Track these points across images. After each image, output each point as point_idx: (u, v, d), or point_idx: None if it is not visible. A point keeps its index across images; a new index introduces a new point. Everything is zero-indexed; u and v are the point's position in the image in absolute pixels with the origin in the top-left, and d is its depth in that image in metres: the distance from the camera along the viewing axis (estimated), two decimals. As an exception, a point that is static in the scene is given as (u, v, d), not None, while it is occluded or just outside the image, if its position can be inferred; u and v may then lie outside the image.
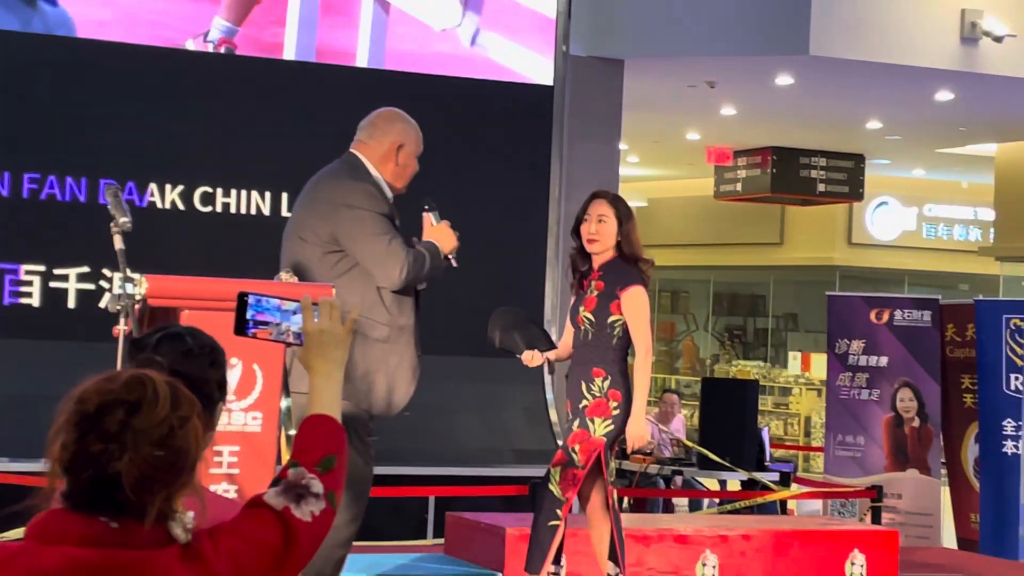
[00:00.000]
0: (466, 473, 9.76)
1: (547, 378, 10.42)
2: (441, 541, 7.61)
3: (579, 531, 6.53)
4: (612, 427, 6.32)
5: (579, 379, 6.39)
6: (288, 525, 2.51)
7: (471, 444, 10.14)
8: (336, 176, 5.50)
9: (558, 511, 6.31)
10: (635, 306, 6.33)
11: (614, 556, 6.40)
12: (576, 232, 6.50)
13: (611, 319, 6.34)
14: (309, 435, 2.65)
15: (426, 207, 5.68)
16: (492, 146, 10.49)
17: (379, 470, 9.50)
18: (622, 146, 12.82)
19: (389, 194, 5.58)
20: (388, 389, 5.21)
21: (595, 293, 6.40)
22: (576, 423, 6.35)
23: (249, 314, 2.79)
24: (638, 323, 6.34)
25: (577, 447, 6.32)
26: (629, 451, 6.51)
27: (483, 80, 10.50)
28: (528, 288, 10.44)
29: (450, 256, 5.65)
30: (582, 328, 6.40)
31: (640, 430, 6.29)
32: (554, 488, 6.31)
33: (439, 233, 5.63)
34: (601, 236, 6.39)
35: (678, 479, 10.74)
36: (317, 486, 2.56)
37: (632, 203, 21.31)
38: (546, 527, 6.32)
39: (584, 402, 6.34)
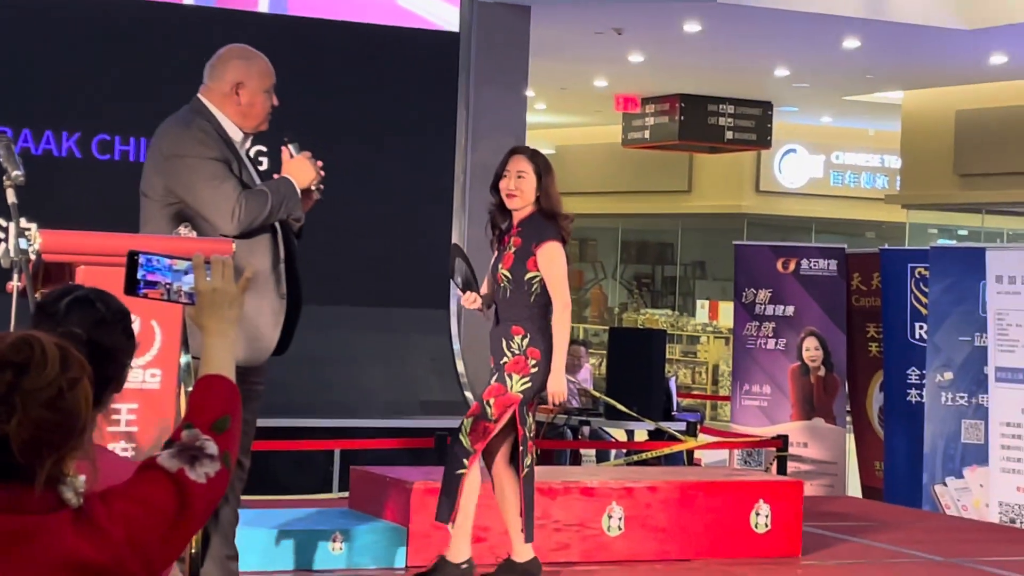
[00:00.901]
0: (372, 425, 9.76)
1: (454, 328, 10.42)
2: (347, 495, 7.60)
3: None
4: (529, 384, 6.36)
5: (500, 336, 6.42)
6: (182, 487, 2.49)
7: (377, 395, 10.14)
8: (169, 125, 5.38)
9: (464, 460, 6.35)
10: (551, 262, 6.36)
11: (528, 518, 6.46)
12: (495, 188, 6.49)
13: (528, 275, 6.37)
14: (203, 396, 2.62)
15: (284, 140, 5.51)
16: (397, 94, 10.43)
17: (283, 423, 9.53)
18: (529, 93, 12.80)
19: (238, 136, 5.41)
20: (249, 337, 5.04)
21: (512, 250, 6.41)
22: (495, 378, 6.40)
23: (140, 274, 2.75)
24: (555, 279, 6.37)
25: (492, 401, 6.36)
26: (551, 406, 6.52)
27: (388, 26, 10.43)
28: (434, 238, 10.41)
29: (313, 188, 5.47)
30: (501, 285, 6.43)
31: (560, 386, 6.34)
32: (463, 439, 6.35)
33: (294, 166, 5.44)
34: (520, 192, 6.40)
35: (585, 429, 10.79)
36: (212, 447, 2.54)
37: (540, 150, 21.20)
38: (453, 475, 6.36)
39: (504, 359, 6.38)
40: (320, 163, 5.50)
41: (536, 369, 6.34)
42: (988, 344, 9.42)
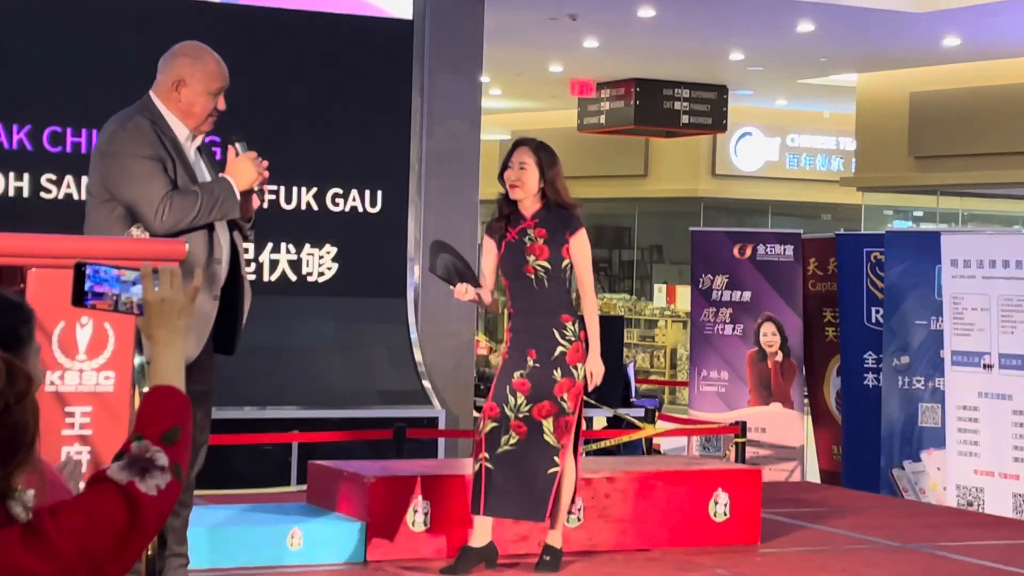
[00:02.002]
0: (330, 415, 9.74)
1: (411, 317, 10.40)
2: (304, 488, 7.58)
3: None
4: (585, 368, 6.55)
5: (549, 327, 6.51)
6: (133, 500, 2.47)
7: (334, 386, 10.11)
8: (109, 123, 5.34)
9: (555, 458, 6.46)
10: (584, 249, 6.59)
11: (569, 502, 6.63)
12: (502, 179, 6.63)
13: (564, 263, 6.53)
14: (152, 407, 2.60)
15: (232, 139, 5.44)
16: (351, 82, 10.38)
17: (239, 414, 9.51)
18: (484, 79, 12.78)
19: (183, 133, 5.36)
20: None
21: (541, 241, 6.53)
22: (558, 372, 6.47)
23: (87, 285, 2.72)
24: (587, 265, 6.62)
25: (566, 395, 6.49)
26: (591, 388, 6.63)
27: (341, 14, 10.39)
28: (389, 226, 10.39)
29: (256, 190, 5.39)
30: (533, 276, 6.52)
31: (601, 367, 6.55)
32: (549, 438, 6.46)
33: (236, 166, 5.36)
34: (521, 182, 6.54)
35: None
36: (162, 459, 2.52)
37: (495, 136, 21.17)
38: (546, 476, 6.45)
39: (560, 349, 6.50)
40: (265, 164, 5.43)
41: (587, 352, 6.56)
42: (944, 328, 9.47)
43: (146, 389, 3.80)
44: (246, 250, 5.60)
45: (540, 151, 6.60)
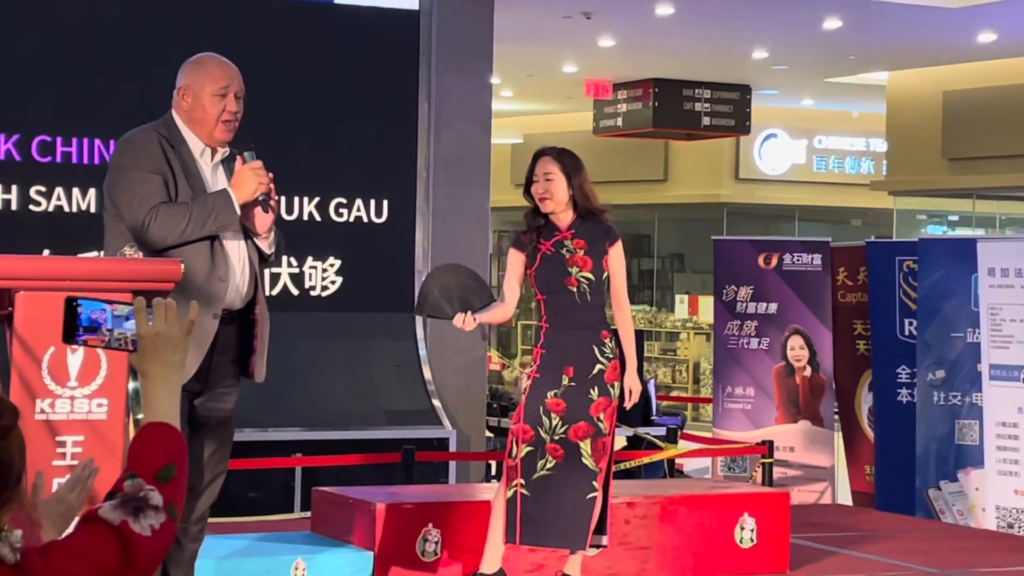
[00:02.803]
0: (335, 437, 9.72)
1: (419, 332, 10.39)
2: (309, 515, 7.57)
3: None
4: (620, 386, 6.57)
5: (589, 343, 6.52)
6: (126, 540, 2.47)
7: (339, 405, 10.11)
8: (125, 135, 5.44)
9: (594, 483, 6.45)
10: (622, 259, 6.66)
11: (602, 525, 6.58)
12: (528, 193, 6.65)
13: (604, 275, 6.57)
14: (145, 444, 2.60)
15: (240, 149, 5.45)
16: (354, 85, 10.37)
17: (239, 436, 9.45)
18: (494, 80, 12.78)
19: (198, 147, 5.41)
20: None
21: (582, 252, 6.55)
22: (595, 391, 6.47)
23: (79, 321, 2.74)
24: (623, 276, 6.66)
25: (602, 415, 6.50)
26: (629, 406, 6.63)
27: (341, 4, 10.37)
28: (397, 237, 10.39)
29: (260, 199, 5.38)
30: (575, 290, 6.52)
31: (639, 384, 6.57)
32: (587, 461, 6.45)
33: (237, 177, 5.37)
34: (551, 194, 6.55)
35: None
36: (156, 498, 2.52)
37: (507, 140, 21.20)
38: (584, 501, 6.44)
39: (599, 367, 6.51)
40: (270, 176, 5.43)
41: (623, 370, 6.60)
42: (981, 340, 9.43)
43: (139, 417, 3.80)
44: (265, 260, 5.57)
45: (563, 158, 6.61)
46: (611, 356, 6.52)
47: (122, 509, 2.49)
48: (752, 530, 7.41)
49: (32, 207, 9.44)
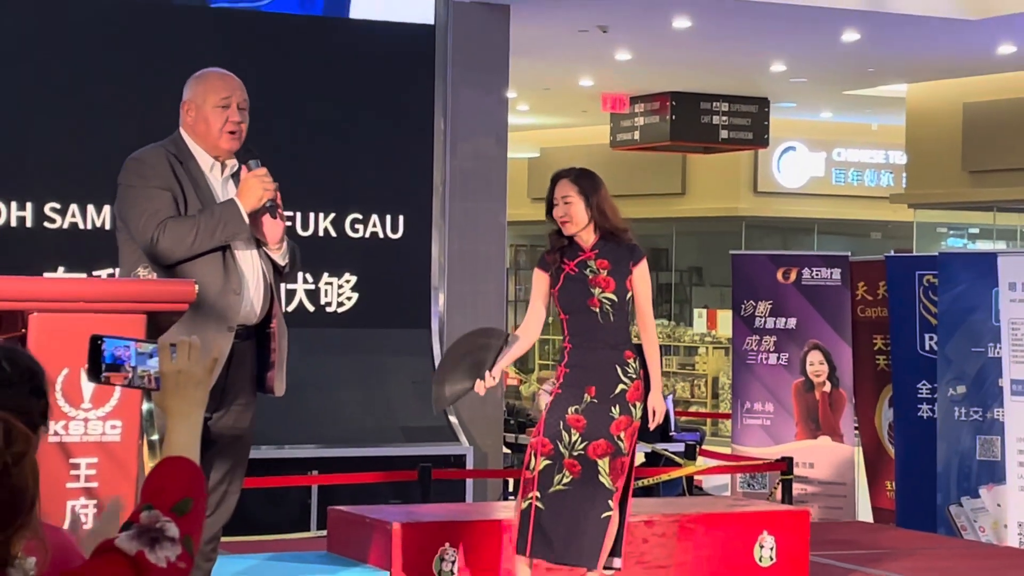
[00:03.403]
0: (351, 454, 9.72)
1: (436, 348, 10.39)
2: (324, 533, 7.57)
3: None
4: (644, 406, 6.61)
5: (612, 363, 6.53)
6: (141, 571, 2.47)
7: (355, 422, 10.10)
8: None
9: (609, 501, 6.46)
10: (647, 280, 6.65)
11: (617, 547, 6.56)
12: (550, 216, 6.68)
13: (628, 295, 6.58)
14: (164, 477, 2.61)
15: (245, 157, 5.47)
16: (369, 99, 10.38)
17: (255, 453, 9.45)
18: (510, 94, 12.78)
19: (207, 162, 5.43)
20: None
21: (605, 273, 6.57)
22: (616, 410, 6.48)
23: (103, 358, 2.80)
24: (648, 296, 6.65)
25: (622, 434, 6.51)
26: (653, 427, 6.64)
27: (357, 20, 10.38)
28: (412, 252, 10.39)
29: (267, 206, 5.38)
30: (598, 310, 6.54)
31: (663, 403, 6.63)
32: (604, 479, 6.46)
33: (242, 185, 5.38)
34: (570, 216, 6.58)
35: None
36: (172, 530, 2.52)
37: (524, 154, 21.15)
38: (599, 520, 6.44)
39: (621, 387, 6.52)
40: (275, 185, 5.42)
41: (647, 390, 6.63)
42: (1002, 355, 9.41)
43: (153, 439, 3.79)
44: (280, 272, 5.57)
45: (580, 180, 6.64)
46: (634, 376, 6.53)
47: (138, 540, 2.50)
48: (772, 548, 7.39)
49: (47, 224, 9.46)
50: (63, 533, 2.81)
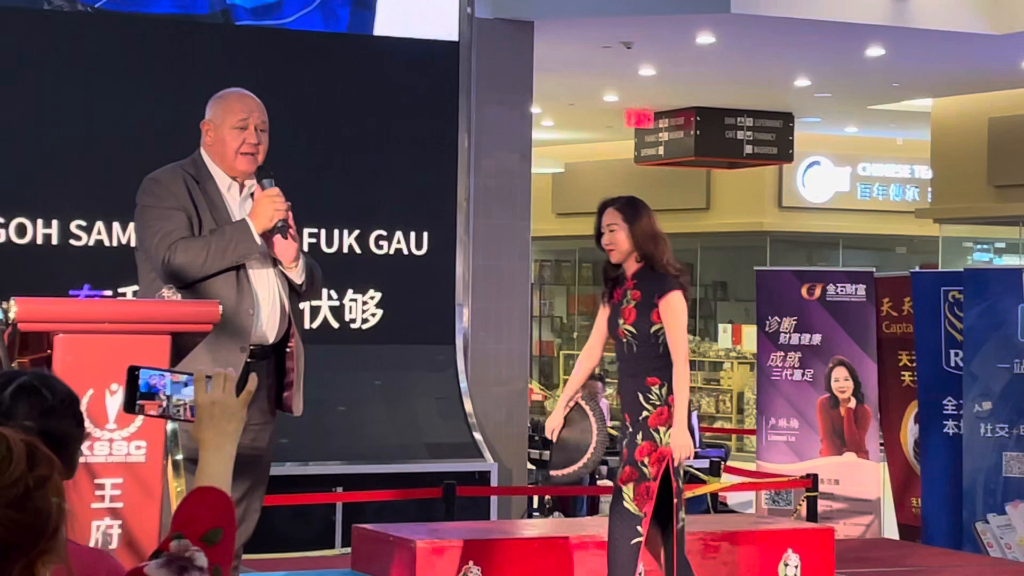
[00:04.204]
0: (375, 471, 9.72)
1: (460, 365, 10.40)
2: (349, 551, 7.58)
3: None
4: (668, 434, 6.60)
5: (635, 390, 6.61)
6: (171, 599, 2.48)
7: (380, 439, 10.10)
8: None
9: (638, 527, 6.50)
10: (672, 312, 6.58)
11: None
12: (599, 245, 6.78)
13: (653, 328, 6.58)
14: (194, 506, 2.63)
15: (259, 176, 5.48)
16: (393, 116, 10.39)
17: (280, 470, 9.50)
18: (535, 110, 12.79)
19: (224, 182, 5.45)
20: None
21: (632, 304, 6.63)
22: (640, 436, 6.54)
23: (140, 389, 2.82)
24: (674, 329, 6.59)
25: (646, 459, 6.53)
26: (676, 464, 6.59)
27: (381, 37, 10.40)
28: (437, 268, 10.40)
29: (279, 225, 5.38)
30: (624, 341, 6.63)
31: (686, 439, 6.52)
32: (630, 506, 6.50)
33: (255, 205, 5.40)
34: (614, 244, 6.66)
35: (603, 469, 10.76)
36: (201, 559, 2.54)
37: (548, 169, 21.08)
38: (628, 546, 6.48)
39: (644, 413, 6.57)
40: (287, 204, 5.42)
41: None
42: (1028, 372, 9.39)
43: (177, 459, 3.81)
44: (298, 292, 5.58)
45: (625, 209, 6.70)
46: (657, 403, 6.56)
47: (168, 568, 2.51)
48: (796, 567, 7.38)
49: (72, 241, 9.49)
50: (97, 554, 2.83)
